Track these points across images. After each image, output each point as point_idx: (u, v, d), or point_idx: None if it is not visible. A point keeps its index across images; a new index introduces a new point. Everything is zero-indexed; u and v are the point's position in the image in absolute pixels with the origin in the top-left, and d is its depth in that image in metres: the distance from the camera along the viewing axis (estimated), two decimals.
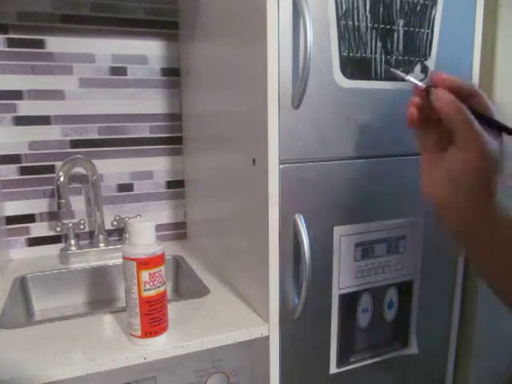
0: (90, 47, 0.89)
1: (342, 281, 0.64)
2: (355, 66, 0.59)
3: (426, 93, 0.45)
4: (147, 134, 0.96)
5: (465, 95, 0.44)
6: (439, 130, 0.45)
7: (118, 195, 0.96)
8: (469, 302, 0.76)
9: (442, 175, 0.45)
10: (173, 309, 0.65)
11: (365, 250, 0.64)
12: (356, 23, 0.58)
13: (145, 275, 0.54)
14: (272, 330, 0.61)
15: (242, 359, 0.60)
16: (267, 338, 0.61)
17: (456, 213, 0.46)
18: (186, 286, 0.84)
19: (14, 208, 0.89)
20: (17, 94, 0.86)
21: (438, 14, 0.62)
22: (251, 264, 0.66)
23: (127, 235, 0.91)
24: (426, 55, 0.63)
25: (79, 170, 0.90)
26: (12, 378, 0.50)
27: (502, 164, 0.44)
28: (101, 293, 0.87)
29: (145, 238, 0.55)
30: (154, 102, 0.96)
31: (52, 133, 0.89)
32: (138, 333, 0.56)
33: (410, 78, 0.48)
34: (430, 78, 0.45)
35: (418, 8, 0.61)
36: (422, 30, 0.62)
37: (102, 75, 0.91)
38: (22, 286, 0.79)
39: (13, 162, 0.88)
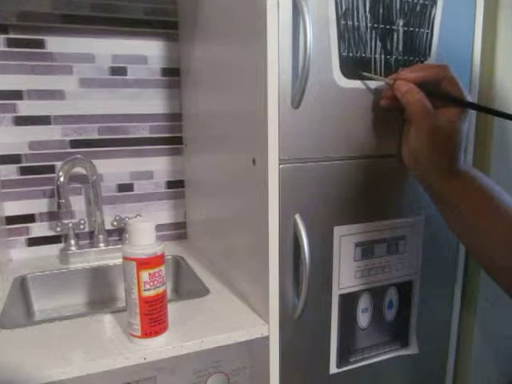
0: (90, 47, 0.89)
1: (342, 281, 0.64)
2: (355, 66, 0.59)
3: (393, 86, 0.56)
4: (147, 134, 0.96)
5: (433, 82, 0.54)
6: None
7: (118, 195, 0.96)
8: (469, 302, 0.76)
9: (406, 150, 0.57)
10: (173, 309, 0.65)
11: (365, 250, 0.64)
12: (356, 23, 0.58)
13: (145, 275, 0.54)
14: (272, 330, 0.61)
15: (242, 359, 0.60)
16: (267, 338, 0.61)
17: (421, 179, 0.57)
18: (186, 285, 0.84)
19: (14, 208, 0.89)
20: (17, 94, 0.86)
21: (438, 13, 0.62)
22: (251, 264, 0.66)
23: (127, 235, 0.91)
24: (426, 55, 0.63)
25: (79, 169, 0.90)
26: (12, 377, 0.50)
27: (459, 133, 0.53)
28: (101, 293, 0.87)
29: (145, 238, 0.55)
30: (154, 102, 0.96)
31: (52, 133, 0.89)
32: (138, 333, 0.56)
33: (378, 76, 0.59)
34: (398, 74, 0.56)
35: (418, 8, 0.61)
36: (422, 30, 0.62)
37: (102, 75, 0.91)
38: (22, 286, 0.79)
39: (13, 162, 0.88)
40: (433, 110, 0.53)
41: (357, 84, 0.59)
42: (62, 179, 0.80)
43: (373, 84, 0.60)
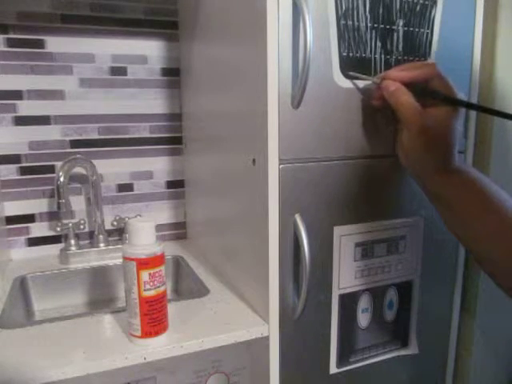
0: (90, 47, 0.89)
1: (342, 281, 0.64)
2: (355, 66, 0.59)
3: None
4: (147, 134, 0.96)
5: (422, 81, 0.53)
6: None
7: (118, 195, 0.96)
8: (469, 302, 0.76)
9: (399, 149, 0.57)
10: (173, 309, 0.65)
11: (365, 250, 0.64)
12: (356, 23, 0.58)
13: (145, 275, 0.54)
14: (272, 330, 0.61)
15: (241, 359, 0.60)
16: (267, 338, 0.61)
17: (416, 178, 0.57)
18: (186, 285, 0.84)
19: (13, 208, 0.89)
20: (17, 94, 0.86)
21: (438, 13, 0.62)
22: (251, 264, 0.66)
23: (127, 235, 0.91)
24: (426, 55, 0.63)
25: (79, 169, 0.90)
26: (12, 378, 0.50)
27: (451, 132, 0.52)
28: (101, 293, 0.87)
29: (145, 238, 0.55)
30: (154, 102, 0.96)
31: (52, 133, 0.89)
32: (138, 333, 0.56)
33: (365, 76, 0.58)
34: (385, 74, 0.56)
35: (418, 8, 0.61)
36: (422, 30, 0.62)
37: (102, 75, 0.91)
38: (22, 286, 0.79)
39: (13, 162, 0.88)
40: (422, 110, 0.52)
41: (357, 84, 0.59)
42: (61, 179, 0.80)
43: (372, 84, 0.60)
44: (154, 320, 0.56)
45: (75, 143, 0.91)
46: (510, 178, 0.71)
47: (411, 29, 0.61)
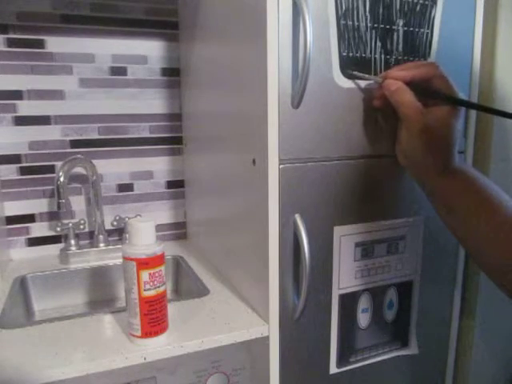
0: (90, 47, 0.89)
1: (342, 281, 0.64)
2: (355, 66, 0.59)
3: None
4: (147, 134, 0.96)
5: (423, 80, 0.53)
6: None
7: (118, 195, 0.96)
8: (469, 302, 0.76)
9: (398, 149, 0.58)
10: (173, 309, 0.65)
11: (365, 250, 0.64)
12: (356, 23, 0.58)
13: (145, 275, 0.54)
14: (272, 330, 0.61)
15: (241, 359, 0.60)
16: (267, 338, 0.61)
17: (415, 178, 0.58)
18: (186, 285, 0.84)
19: (13, 208, 0.89)
20: (17, 94, 0.86)
21: (438, 14, 0.62)
22: (251, 264, 0.66)
23: (127, 235, 0.91)
24: (426, 55, 0.63)
25: (79, 169, 0.90)
26: (12, 378, 0.50)
27: (452, 132, 0.52)
28: (101, 293, 0.87)
29: (145, 238, 0.55)
30: (153, 102, 0.96)
31: (52, 133, 0.89)
32: (138, 333, 0.56)
33: (368, 75, 0.58)
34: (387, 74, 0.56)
35: (418, 8, 0.61)
36: (422, 30, 0.62)
37: (102, 75, 0.91)
38: (22, 286, 0.79)
39: (13, 162, 0.88)
40: (423, 109, 0.52)
41: (357, 84, 0.59)
42: (62, 179, 0.80)
43: (372, 84, 0.60)
44: (153, 320, 0.56)
45: (75, 143, 0.91)
46: (510, 178, 0.71)
47: (411, 29, 0.61)
